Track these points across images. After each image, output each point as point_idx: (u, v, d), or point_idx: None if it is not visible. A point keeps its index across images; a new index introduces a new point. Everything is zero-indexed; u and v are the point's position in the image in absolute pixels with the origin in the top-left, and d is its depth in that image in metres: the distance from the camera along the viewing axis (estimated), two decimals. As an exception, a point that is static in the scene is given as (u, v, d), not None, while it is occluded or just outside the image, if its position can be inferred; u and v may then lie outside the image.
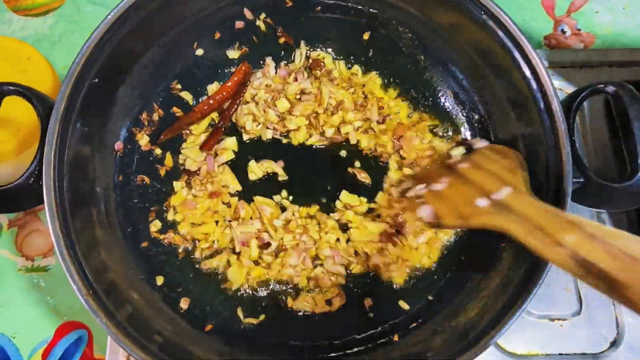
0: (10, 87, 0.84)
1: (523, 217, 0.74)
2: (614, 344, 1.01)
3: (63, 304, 1.16)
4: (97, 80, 0.87)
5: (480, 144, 1.00)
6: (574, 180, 0.83)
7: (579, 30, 1.39)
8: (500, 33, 0.90)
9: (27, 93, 0.84)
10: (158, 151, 1.04)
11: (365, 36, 1.10)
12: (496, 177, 0.86)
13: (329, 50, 1.12)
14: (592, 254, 0.61)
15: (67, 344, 1.14)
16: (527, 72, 0.88)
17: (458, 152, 1.01)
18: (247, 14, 1.08)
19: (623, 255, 0.58)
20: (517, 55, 0.89)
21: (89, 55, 0.85)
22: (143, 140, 1.02)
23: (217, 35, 1.08)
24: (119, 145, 0.99)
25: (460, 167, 0.94)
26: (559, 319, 1.03)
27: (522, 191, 0.80)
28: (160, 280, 0.95)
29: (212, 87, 1.09)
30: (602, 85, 0.88)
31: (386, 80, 1.10)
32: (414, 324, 0.94)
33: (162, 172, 1.03)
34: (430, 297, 0.98)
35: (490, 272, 0.93)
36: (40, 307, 1.16)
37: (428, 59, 1.08)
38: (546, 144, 0.87)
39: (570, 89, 1.18)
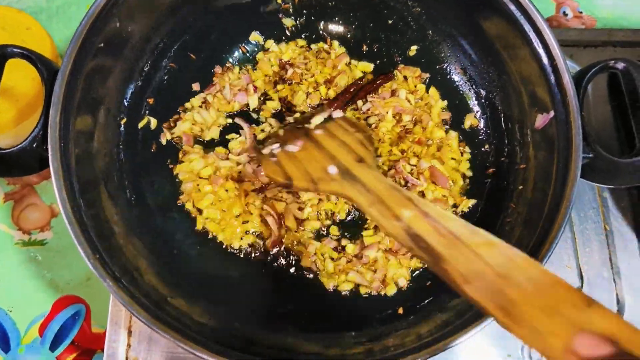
0: (15, 50, 0.82)
1: (368, 189, 0.78)
2: (614, 320, 1.02)
3: (60, 278, 1.15)
4: (102, 44, 0.85)
5: (337, 114, 1.02)
6: (582, 155, 0.83)
7: (581, 12, 1.40)
8: (513, 7, 0.89)
9: (31, 56, 0.82)
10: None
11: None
12: (348, 148, 0.90)
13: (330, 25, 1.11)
14: (422, 230, 0.66)
15: (65, 319, 1.13)
16: (539, 46, 0.88)
17: (317, 120, 1.00)
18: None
19: (448, 233, 0.63)
20: (528, 28, 0.88)
21: (95, 17, 0.83)
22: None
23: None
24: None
25: (316, 134, 0.96)
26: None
27: (370, 165, 0.85)
28: (166, 246, 0.95)
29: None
30: (613, 62, 0.88)
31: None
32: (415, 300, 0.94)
33: (164, 140, 1.03)
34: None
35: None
36: (37, 281, 1.15)
37: (436, 34, 1.08)
38: (556, 118, 0.86)
39: (573, 67, 1.18)
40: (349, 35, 1.12)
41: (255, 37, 1.10)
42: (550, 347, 0.49)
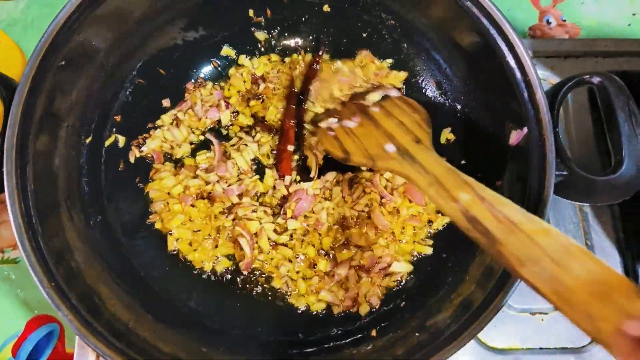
0: (-30, 68, 0.79)
1: (426, 170, 0.79)
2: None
3: (33, 297, 1.13)
4: (63, 62, 0.83)
5: (393, 93, 1.02)
6: (557, 173, 0.81)
7: (564, 21, 1.38)
8: (485, 20, 0.87)
9: (-12, 74, 0.80)
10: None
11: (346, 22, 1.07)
12: (405, 128, 0.90)
13: (304, 38, 1.10)
14: (480, 213, 0.69)
15: (38, 338, 1.10)
16: (511, 61, 0.85)
17: (374, 97, 1.00)
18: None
19: (504, 218, 0.66)
20: (501, 43, 0.86)
21: (55, 35, 0.81)
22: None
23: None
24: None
25: (373, 111, 0.97)
26: (539, 313, 1.02)
27: (427, 146, 0.86)
28: (131, 269, 0.92)
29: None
30: (588, 76, 0.86)
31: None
32: (390, 320, 0.92)
33: (132, 158, 1.01)
34: (414, 290, 0.96)
35: (469, 265, 0.91)
36: (9, 300, 1.13)
37: (411, 47, 1.06)
38: (530, 135, 0.84)
39: (554, 79, 1.17)
40: (321, 49, 1.10)
41: (227, 51, 1.09)
42: (600, 330, 0.54)
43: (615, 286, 0.55)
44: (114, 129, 0.99)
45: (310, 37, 1.11)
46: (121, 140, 1.00)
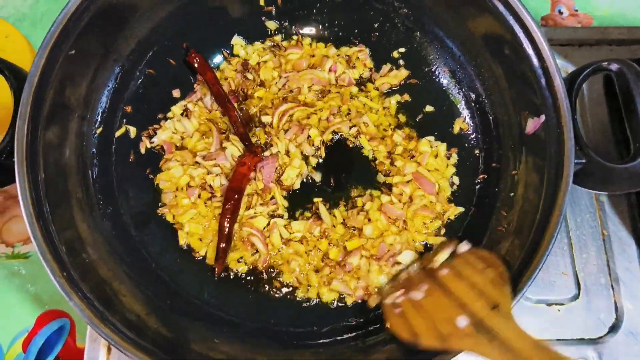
0: (-20, 59, 0.79)
1: (508, 347, 0.68)
2: (613, 329, 0.98)
3: (44, 291, 1.13)
4: (74, 52, 0.82)
5: (463, 247, 0.91)
6: (575, 161, 0.80)
7: (577, 11, 1.37)
8: (501, 7, 0.86)
9: (-1, 64, 0.79)
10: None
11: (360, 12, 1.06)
12: (479, 291, 0.79)
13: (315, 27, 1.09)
14: None
15: (49, 333, 1.10)
16: (529, 48, 0.85)
17: (442, 256, 0.90)
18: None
19: None
20: (518, 30, 0.85)
21: (65, 24, 0.80)
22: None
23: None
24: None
25: (442, 274, 0.86)
26: (556, 304, 1.00)
27: (507, 313, 0.74)
28: (140, 261, 0.91)
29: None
30: (606, 63, 0.85)
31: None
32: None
33: (143, 149, 1.00)
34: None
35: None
36: (20, 295, 1.13)
37: (424, 35, 1.04)
38: (547, 123, 0.83)
39: (568, 67, 1.15)
40: (332, 38, 1.09)
41: (237, 41, 1.07)
42: None
43: None
44: (125, 120, 0.98)
45: (321, 27, 1.09)
46: (132, 131, 0.99)
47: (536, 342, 0.67)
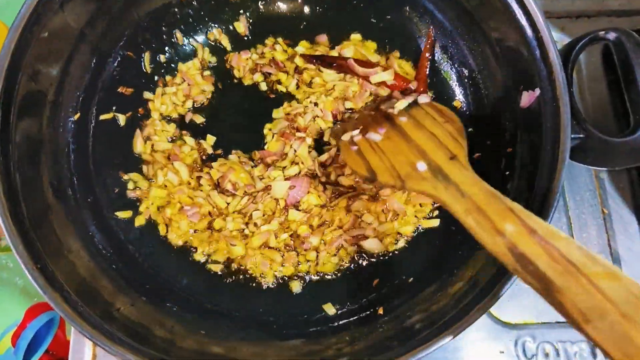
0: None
1: (464, 193, 0.69)
2: (614, 310, 0.95)
3: (32, 284, 1.10)
4: (46, 34, 0.79)
5: (423, 99, 0.92)
6: (572, 136, 0.76)
7: (574, -19, 1.32)
8: (491, -26, 0.82)
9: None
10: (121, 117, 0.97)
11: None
12: (438, 142, 0.80)
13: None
14: (531, 250, 0.57)
15: (38, 326, 1.08)
16: (522, 18, 0.80)
17: (401, 104, 0.91)
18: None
19: (562, 258, 0.55)
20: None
21: (35, 5, 0.77)
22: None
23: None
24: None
25: (401, 121, 0.87)
26: (555, 286, 0.97)
27: (463, 163, 0.75)
28: (119, 251, 0.89)
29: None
30: (603, 32, 0.82)
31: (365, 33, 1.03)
32: (398, 297, 0.88)
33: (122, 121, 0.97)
34: (423, 265, 0.92)
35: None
36: (8, 288, 1.11)
37: (413, 10, 1.00)
38: (542, 96, 0.79)
39: (565, 40, 1.10)
40: (317, 12, 1.05)
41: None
42: None
43: None
44: (106, 104, 0.95)
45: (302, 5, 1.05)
46: (121, 119, 0.96)
47: (491, 191, 0.67)
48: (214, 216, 0.93)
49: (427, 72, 0.99)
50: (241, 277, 0.91)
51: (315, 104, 0.98)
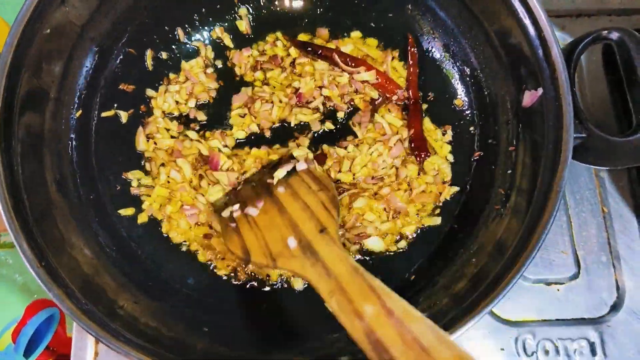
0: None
1: (329, 272, 0.69)
2: (614, 308, 0.96)
3: (32, 281, 1.09)
4: (49, 31, 0.79)
5: (301, 166, 0.91)
6: (574, 135, 0.76)
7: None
8: (495, -27, 0.82)
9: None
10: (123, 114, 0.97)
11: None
12: (310, 213, 0.81)
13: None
14: (387, 336, 0.57)
15: (38, 323, 1.08)
16: (524, 17, 0.81)
17: (280, 172, 0.89)
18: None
19: (415, 343, 0.55)
20: (513, -2, 0.81)
21: (37, 2, 0.76)
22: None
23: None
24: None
25: (278, 192, 0.87)
26: (555, 283, 0.98)
27: (333, 236, 0.75)
28: (122, 249, 0.89)
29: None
30: (606, 32, 0.82)
31: (366, 31, 1.03)
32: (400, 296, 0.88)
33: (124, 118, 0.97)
34: (424, 264, 0.92)
35: (480, 237, 0.88)
36: (8, 284, 1.11)
37: (415, 8, 1.00)
38: (545, 96, 0.80)
39: (567, 39, 1.11)
40: (319, 12, 1.04)
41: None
42: None
43: None
44: (108, 102, 0.95)
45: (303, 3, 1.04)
46: (123, 116, 0.96)
47: (354, 267, 0.67)
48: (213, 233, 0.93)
49: (417, 78, 1.00)
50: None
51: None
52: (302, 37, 1.03)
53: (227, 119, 0.99)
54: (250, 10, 1.03)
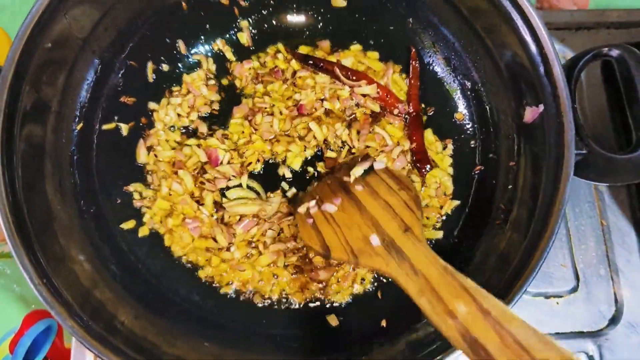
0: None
1: (417, 271, 0.67)
2: (613, 321, 0.97)
3: (30, 291, 1.08)
4: (50, 44, 0.79)
5: (379, 165, 0.90)
6: (575, 152, 0.77)
7: (573, -8, 1.33)
8: (496, -10, 0.82)
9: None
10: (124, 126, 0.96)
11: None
12: (393, 212, 0.79)
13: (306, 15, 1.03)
14: (484, 335, 0.55)
15: (36, 334, 1.07)
16: (526, 34, 0.81)
17: (357, 171, 0.88)
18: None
19: (513, 342, 0.53)
20: (514, 14, 0.81)
21: (40, 16, 0.76)
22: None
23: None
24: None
25: (356, 190, 0.85)
26: (554, 297, 0.98)
27: (418, 236, 0.74)
28: (123, 262, 0.89)
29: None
30: (607, 49, 0.82)
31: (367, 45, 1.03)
32: (400, 310, 0.88)
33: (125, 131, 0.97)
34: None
35: (481, 250, 0.88)
36: (5, 295, 1.10)
37: (417, 22, 1.00)
38: (546, 112, 0.80)
39: (566, 52, 1.12)
40: (320, 26, 1.04)
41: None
42: None
43: None
44: (109, 114, 0.94)
45: (305, 17, 1.04)
46: (124, 128, 0.96)
47: (444, 267, 0.65)
48: (213, 251, 0.92)
49: (418, 92, 1.00)
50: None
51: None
52: (303, 49, 1.03)
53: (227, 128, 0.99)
54: (252, 23, 1.03)
